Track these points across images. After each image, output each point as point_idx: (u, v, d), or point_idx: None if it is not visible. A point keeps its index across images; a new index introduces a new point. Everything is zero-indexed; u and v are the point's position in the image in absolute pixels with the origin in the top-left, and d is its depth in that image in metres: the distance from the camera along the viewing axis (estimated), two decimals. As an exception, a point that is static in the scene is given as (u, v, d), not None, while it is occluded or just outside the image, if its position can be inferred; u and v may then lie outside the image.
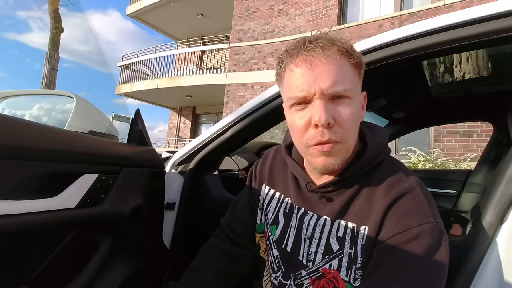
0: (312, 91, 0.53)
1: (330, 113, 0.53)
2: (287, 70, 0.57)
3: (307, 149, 0.57)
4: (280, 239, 0.68)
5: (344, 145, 0.55)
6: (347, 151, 0.57)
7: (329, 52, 0.53)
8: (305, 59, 0.54)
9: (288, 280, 0.65)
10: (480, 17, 0.69)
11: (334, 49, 0.54)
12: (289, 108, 0.58)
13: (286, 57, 0.58)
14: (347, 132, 0.55)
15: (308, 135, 0.55)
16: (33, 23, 24.94)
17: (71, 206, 0.64)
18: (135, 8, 10.75)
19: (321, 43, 0.54)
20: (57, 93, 1.08)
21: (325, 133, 0.53)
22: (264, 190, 0.76)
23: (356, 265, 0.55)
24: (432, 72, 1.42)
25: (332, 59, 0.53)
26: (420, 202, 0.53)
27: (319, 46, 0.53)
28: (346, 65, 0.55)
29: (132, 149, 0.88)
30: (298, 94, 0.55)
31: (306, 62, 0.54)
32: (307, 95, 0.54)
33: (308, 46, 0.54)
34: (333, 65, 0.53)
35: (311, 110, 0.54)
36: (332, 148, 0.54)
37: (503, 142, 1.85)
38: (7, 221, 0.51)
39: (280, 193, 0.73)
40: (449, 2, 5.67)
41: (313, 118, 0.53)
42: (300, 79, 0.54)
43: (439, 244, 0.51)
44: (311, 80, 0.53)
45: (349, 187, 0.60)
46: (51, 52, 4.71)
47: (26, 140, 0.54)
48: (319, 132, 0.53)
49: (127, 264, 0.85)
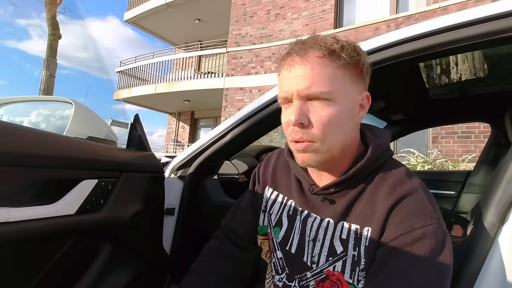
0: (291, 92, 0.56)
1: (303, 114, 0.55)
2: (280, 72, 0.61)
3: (290, 146, 0.61)
4: (284, 241, 0.68)
5: (321, 145, 0.56)
6: (327, 151, 0.57)
7: (308, 54, 0.56)
8: (288, 63, 0.58)
9: (292, 282, 0.64)
10: (476, 19, 0.69)
11: (315, 52, 0.55)
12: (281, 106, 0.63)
13: (279, 59, 0.61)
14: (323, 133, 0.55)
15: (288, 131, 0.59)
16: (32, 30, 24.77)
17: (71, 212, 0.64)
18: (132, 14, 10.79)
19: (299, 48, 0.56)
20: (55, 99, 1.08)
21: (298, 132, 0.57)
22: (267, 192, 0.76)
23: (360, 266, 0.55)
24: (430, 73, 1.42)
25: (310, 62, 0.55)
26: (423, 203, 0.54)
27: (297, 50, 0.56)
28: (328, 67, 0.55)
29: (131, 154, 0.87)
30: (281, 95, 0.59)
31: (288, 65, 0.58)
32: (288, 96, 0.57)
33: (290, 50, 0.58)
34: (310, 67, 0.55)
35: (290, 109, 0.58)
36: (306, 147, 0.57)
37: (501, 143, 1.86)
38: (7, 228, 0.50)
39: (283, 195, 0.73)
40: (444, 4, 5.72)
41: (289, 117, 0.57)
42: (284, 81, 0.58)
43: (443, 246, 0.51)
44: (291, 82, 0.57)
45: (351, 189, 0.60)
46: (49, 58, 4.72)
47: (24, 147, 0.54)
48: (294, 130, 0.57)
49: (128, 270, 0.84)
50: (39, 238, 0.59)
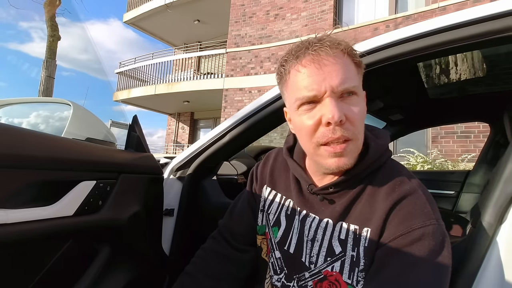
0: (322, 89, 0.53)
1: (342, 110, 0.53)
2: (293, 71, 0.57)
3: (317, 148, 0.56)
4: (282, 240, 0.68)
5: (355, 143, 0.56)
6: (358, 149, 0.57)
7: (336, 51, 0.55)
8: (312, 59, 0.54)
9: (291, 282, 0.64)
10: (474, 19, 0.69)
11: (340, 48, 0.55)
12: (296, 109, 0.58)
13: (290, 58, 0.57)
14: (358, 129, 0.55)
15: (318, 133, 0.55)
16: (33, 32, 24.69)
17: (69, 214, 0.64)
18: (132, 15, 10.80)
19: (328, 42, 0.55)
20: (54, 100, 1.08)
21: (337, 130, 0.53)
22: (265, 191, 0.76)
23: (359, 267, 0.55)
24: (429, 73, 1.43)
25: (339, 57, 0.54)
26: (422, 204, 0.53)
27: (326, 46, 0.54)
28: (351, 64, 0.56)
29: (130, 156, 0.87)
30: (307, 94, 0.54)
31: (314, 62, 0.54)
32: (317, 94, 0.54)
33: (314, 46, 0.55)
34: (341, 63, 0.54)
35: (322, 109, 0.54)
36: (344, 149, 0.54)
37: (500, 142, 1.86)
38: (5, 230, 0.50)
39: (281, 194, 0.72)
40: (443, 4, 5.73)
41: (325, 116, 0.53)
42: (309, 79, 0.54)
43: (442, 246, 0.51)
44: (320, 79, 0.53)
45: (350, 189, 0.60)
46: (48, 60, 4.71)
47: (22, 149, 0.54)
48: (331, 130, 0.53)
49: (126, 272, 0.84)
50: (37, 240, 0.59)
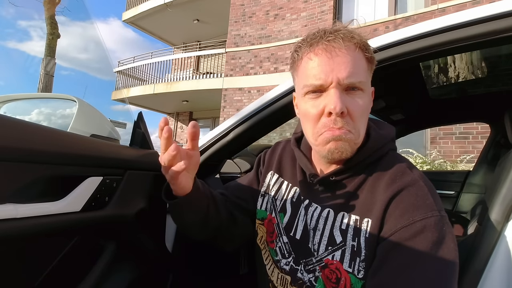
0: (329, 80, 0.54)
1: (344, 102, 0.54)
2: (305, 58, 0.58)
3: (318, 137, 0.58)
4: (288, 226, 0.69)
5: (354, 136, 0.56)
6: (356, 143, 0.58)
7: (349, 43, 0.55)
8: (325, 49, 0.55)
9: (299, 266, 0.65)
10: (475, 19, 0.70)
11: (354, 41, 0.55)
12: (303, 96, 0.59)
13: (304, 45, 0.58)
14: (358, 124, 0.56)
15: (320, 124, 0.56)
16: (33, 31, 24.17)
17: (76, 209, 0.64)
18: (131, 14, 10.77)
19: (342, 34, 0.55)
20: (59, 96, 1.07)
21: (338, 121, 0.54)
22: (271, 176, 0.77)
23: (360, 257, 0.55)
24: (429, 74, 1.43)
25: (351, 50, 0.55)
26: (424, 195, 0.53)
27: (340, 37, 0.54)
28: (362, 58, 0.56)
29: (135, 152, 0.87)
30: (314, 82, 0.56)
31: (326, 52, 0.55)
32: (324, 84, 0.55)
33: (329, 36, 0.55)
34: (351, 56, 0.54)
35: (326, 98, 0.55)
36: (343, 133, 0.55)
37: (500, 143, 1.88)
38: (14, 224, 0.50)
39: (288, 182, 0.73)
40: (442, 6, 5.75)
41: (327, 106, 0.54)
42: (318, 68, 0.55)
43: (446, 237, 0.50)
44: (329, 69, 0.54)
45: (352, 180, 0.60)
46: (47, 57, 4.69)
47: (33, 143, 0.54)
48: (332, 120, 0.54)
49: (131, 269, 0.84)
50: (45, 235, 0.58)
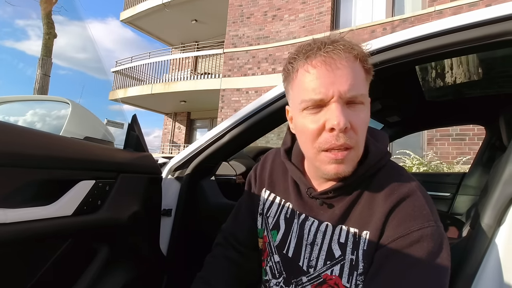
0: (330, 94, 0.51)
1: (347, 117, 0.51)
2: (301, 70, 0.54)
3: (318, 154, 0.55)
4: (281, 244, 0.67)
5: (356, 152, 0.55)
6: (357, 157, 0.56)
7: (349, 55, 0.52)
8: (324, 61, 0.52)
9: (290, 286, 0.64)
10: (471, 23, 0.70)
11: (354, 53, 0.53)
12: (300, 111, 0.55)
13: (300, 57, 0.54)
14: (360, 138, 0.54)
15: (321, 139, 0.53)
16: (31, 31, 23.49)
17: (68, 213, 0.63)
18: (129, 14, 10.74)
19: (342, 45, 0.52)
20: (52, 98, 1.07)
21: (341, 137, 0.51)
22: (264, 194, 0.75)
23: (358, 271, 0.55)
24: (425, 76, 1.44)
25: (351, 62, 0.52)
26: (421, 206, 0.53)
27: (340, 49, 0.52)
28: (361, 70, 0.54)
29: (129, 155, 0.87)
30: (314, 97, 0.52)
31: (325, 64, 0.52)
32: (324, 98, 0.51)
33: (327, 47, 0.52)
34: (351, 68, 0.52)
35: (327, 113, 0.52)
36: (345, 156, 0.53)
37: (495, 145, 1.88)
38: (3, 229, 0.49)
39: (280, 197, 0.71)
40: (439, 8, 5.78)
41: (329, 121, 0.51)
42: (317, 81, 0.52)
43: (441, 248, 0.51)
44: (329, 83, 0.51)
45: (350, 193, 0.59)
46: (43, 57, 4.67)
47: (22, 147, 0.53)
48: (334, 136, 0.52)
49: (125, 272, 0.83)
50: (36, 240, 0.58)
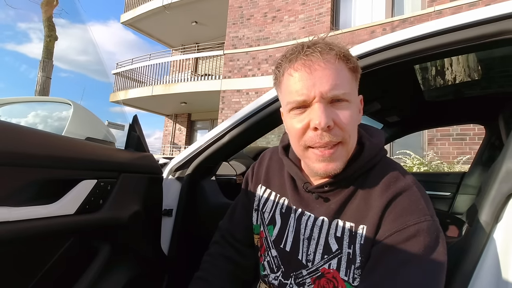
0: (312, 94, 0.54)
1: (329, 116, 0.54)
2: (286, 74, 0.58)
3: (306, 150, 0.58)
4: (278, 239, 0.68)
5: (345, 147, 0.56)
6: (347, 153, 0.58)
7: (327, 56, 0.55)
8: (304, 64, 0.55)
9: (288, 279, 0.65)
10: (470, 22, 0.71)
11: (332, 53, 0.55)
12: (288, 112, 0.59)
13: (284, 62, 0.58)
14: (347, 134, 0.56)
15: (306, 137, 0.56)
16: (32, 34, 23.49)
17: (70, 212, 0.64)
18: (129, 16, 10.78)
19: (319, 48, 0.55)
20: (54, 100, 1.08)
21: (324, 136, 0.54)
22: (260, 190, 0.76)
23: (355, 264, 0.56)
24: (425, 76, 1.44)
25: (330, 63, 0.54)
26: (417, 200, 0.54)
27: (317, 51, 0.54)
28: (343, 69, 0.56)
29: (130, 155, 0.87)
30: (297, 98, 0.55)
31: (305, 67, 0.55)
32: (307, 99, 0.55)
33: (306, 51, 0.55)
34: (332, 69, 0.54)
35: (311, 113, 0.55)
36: (333, 154, 0.55)
37: (495, 144, 1.89)
38: (7, 228, 0.50)
39: (276, 193, 0.73)
40: (439, 8, 5.79)
41: (312, 121, 0.54)
42: (299, 83, 0.55)
43: (437, 242, 0.51)
44: (310, 84, 0.54)
45: (345, 187, 0.60)
46: (45, 60, 4.69)
47: (25, 147, 0.54)
48: (318, 135, 0.54)
49: (126, 271, 0.84)
50: (38, 238, 0.59)
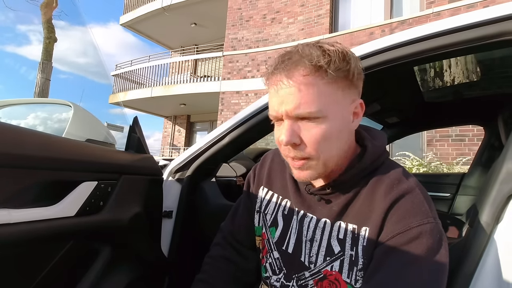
0: (280, 112, 0.55)
1: (295, 133, 0.54)
2: (268, 87, 0.59)
3: (286, 158, 0.61)
4: (280, 240, 0.68)
5: (317, 161, 0.56)
6: (324, 166, 0.57)
7: (295, 73, 0.53)
8: (275, 80, 0.56)
9: (290, 281, 0.65)
10: (468, 24, 0.71)
11: (301, 69, 0.53)
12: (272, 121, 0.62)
13: (267, 72, 0.59)
14: (316, 151, 0.55)
15: (282, 148, 0.60)
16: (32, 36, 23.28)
17: (71, 214, 0.64)
18: (128, 18, 10.79)
19: (290, 63, 0.53)
20: (54, 101, 1.08)
21: (291, 151, 0.57)
22: (262, 192, 0.76)
23: (358, 266, 0.56)
24: (424, 77, 1.45)
25: (296, 82, 0.53)
26: (420, 202, 0.54)
27: (286, 69, 0.54)
28: (314, 85, 0.53)
29: (130, 157, 0.87)
30: (272, 113, 0.58)
31: (275, 84, 0.56)
32: (277, 115, 0.57)
33: (280, 64, 0.55)
34: (296, 88, 0.52)
35: (281, 128, 0.57)
36: (302, 165, 0.57)
37: (494, 145, 1.89)
38: (8, 230, 0.50)
39: (278, 194, 0.73)
40: (437, 10, 5.81)
41: (280, 137, 0.56)
42: (273, 99, 0.57)
43: (440, 244, 0.52)
44: (279, 102, 0.55)
45: (348, 189, 0.60)
46: (44, 62, 4.69)
47: (26, 148, 0.54)
48: (286, 149, 0.57)
49: (126, 273, 0.84)
50: (39, 240, 0.59)
